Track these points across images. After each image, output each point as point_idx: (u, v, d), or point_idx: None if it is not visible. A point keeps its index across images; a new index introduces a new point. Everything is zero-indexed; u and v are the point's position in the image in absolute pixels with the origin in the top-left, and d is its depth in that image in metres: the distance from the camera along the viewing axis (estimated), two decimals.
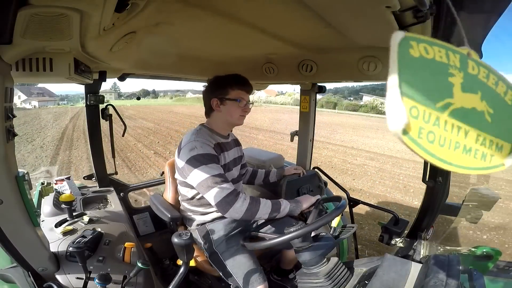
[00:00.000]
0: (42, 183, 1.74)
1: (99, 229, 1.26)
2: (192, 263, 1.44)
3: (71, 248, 1.07)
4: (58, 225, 1.30)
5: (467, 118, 0.42)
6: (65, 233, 1.23)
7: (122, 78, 1.77)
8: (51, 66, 0.90)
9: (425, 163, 1.24)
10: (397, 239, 1.40)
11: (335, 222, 1.21)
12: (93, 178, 1.89)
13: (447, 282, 0.79)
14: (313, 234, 1.09)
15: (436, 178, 1.24)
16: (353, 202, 1.88)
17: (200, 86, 1.79)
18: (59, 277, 1.01)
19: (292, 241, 1.02)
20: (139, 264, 0.97)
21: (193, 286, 1.62)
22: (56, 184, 1.71)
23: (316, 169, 2.09)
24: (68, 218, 1.36)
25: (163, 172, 1.72)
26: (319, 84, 1.98)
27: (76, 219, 1.36)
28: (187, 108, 29.51)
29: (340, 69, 1.56)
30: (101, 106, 1.75)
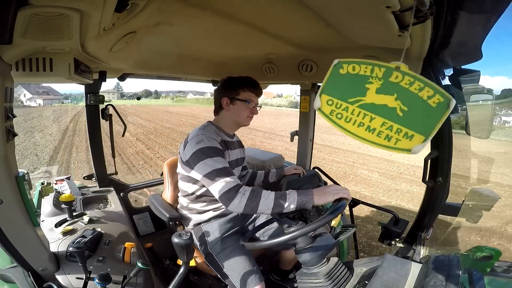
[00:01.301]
0: (42, 183, 1.74)
1: (99, 229, 1.26)
2: (192, 263, 1.44)
3: (71, 248, 1.07)
4: (58, 225, 1.30)
5: (375, 110, 0.66)
6: (65, 233, 1.23)
7: (122, 78, 1.77)
8: (51, 66, 0.90)
9: (425, 164, 1.24)
10: (397, 239, 1.40)
11: (335, 222, 1.21)
12: (93, 178, 1.89)
13: (447, 282, 0.79)
14: (313, 234, 1.09)
15: (436, 178, 1.24)
16: (353, 202, 1.88)
17: (200, 87, 1.80)
18: (59, 277, 1.01)
19: (292, 241, 1.02)
20: (139, 264, 0.97)
21: (193, 286, 1.62)
22: (56, 184, 1.71)
23: (316, 169, 2.09)
24: (68, 218, 1.36)
25: (162, 172, 1.72)
26: (319, 84, 1.98)
27: (76, 219, 1.36)
28: (182, 108, 31.15)
29: None
30: (101, 106, 1.75)
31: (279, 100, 49.96)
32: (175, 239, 0.87)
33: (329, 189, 1.07)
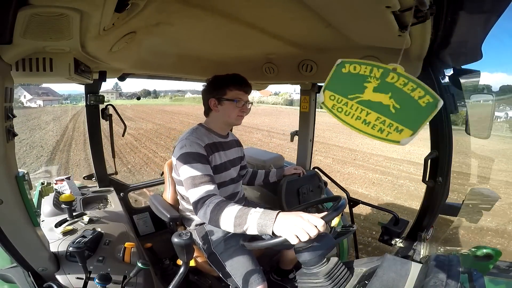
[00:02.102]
0: (42, 183, 1.74)
1: (99, 229, 1.26)
2: (192, 263, 1.44)
3: (71, 248, 1.07)
4: (58, 225, 1.30)
5: (371, 106, 0.76)
6: (65, 233, 1.22)
7: (122, 78, 1.76)
8: (51, 66, 0.90)
9: (425, 164, 1.24)
10: (397, 239, 1.40)
11: (335, 222, 1.21)
12: (93, 178, 1.89)
13: (447, 282, 0.79)
14: None
15: (436, 178, 1.24)
16: (353, 202, 1.88)
17: (200, 86, 1.80)
18: (59, 277, 1.01)
19: None
20: (139, 264, 0.97)
21: (193, 286, 1.62)
22: (56, 184, 1.71)
23: (316, 169, 2.09)
24: (68, 218, 1.36)
25: (163, 172, 1.72)
26: (319, 84, 1.98)
27: (76, 219, 1.36)
28: (178, 107, 32.85)
29: None
30: (101, 106, 1.75)
31: (274, 98, 50.85)
32: (175, 239, 0.87)
33: (295, 222, 0.84)
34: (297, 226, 0.82)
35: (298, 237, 0.82)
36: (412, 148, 9.61)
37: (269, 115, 23.42)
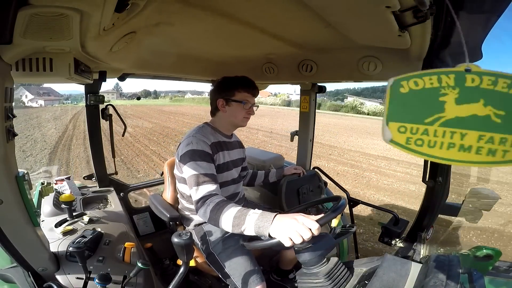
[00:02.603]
0: (42, 183, 1.74)
1: (99, 229, 1.26)
2: (192, 263, 1.44)
3: (71, 248, 1.07)
4: (58, 225, 1.30)
5: (464, 124, 0.54)
6: (65, 233, 1.22)
7: (122, 78, 1.76)
8: (51, 66, 0.90)
9: (425, 164, 1.24)
10: (397, 239, 1.40)
11: (335, 222, 1.21)
12: (93, 178, 1.89)
13: (447, 282, 0.79)
14: None
15: (436, 178, 1.24)
16: (353, 202, 1.88)
17: (199, 87, 1.81)
18: (59, 277, 1.01)
19: None
20: (139, 264, 0.97)
21: (193, 286, 1.62)
22: (56, 184, 1.71)
23: (316, 169, 2.09)
24: (68, 218, 1.36)
25: (163, 172, 1.72)
26: (319, 84, 1.98)
27: (76, 219, 1.36)
28: (176, 108, 33.69)
29: (340, 69, 1.56)
30: (101, 106, 1.75)
31: (272, 99, 51.61)
32: (175, 239, 0.87)
33: (290, 225, 0.84)
34: (291, 229, 0.83)
35: (292, 240, 0.82)
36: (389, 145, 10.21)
37: (265, 116, 23.63)
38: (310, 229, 0.83)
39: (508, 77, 0.52)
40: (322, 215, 0.93)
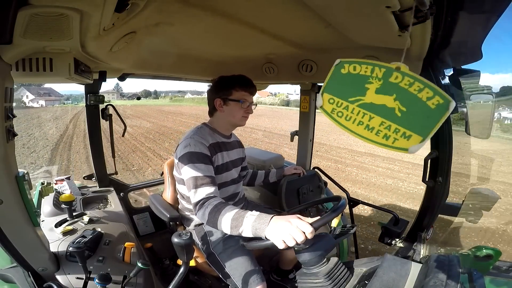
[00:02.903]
0: (42, 183, 1.74)
1: (99, 229, 1.26)
2: (192, 263, 1.44)
3: (71, 248, 1.07)
4: (58, 225, 1.30)
5: (374, 109, 0.68)
6: (65, 233, 1.23)
7: (122, 78, 1.76)
8: (51, 66, 0.90)
9: (425, 164, 1.24)
10: (397, 239, 1.40)
11: (335, 222, 1.21)
12: (93, 178, 1.89)
13: (447, 282, 0.79)
14: None
15: (436, 178, 1.24)
16: (353, 202, 1.88)
17: (199, 87, 1.81)
18: (59, 277, 1.01)
19: None
20: (139, 264, 0.97)
21: (193, 286, 1.62)
22: (56, 184, 1.71)
23: (316, 169, 2.09)
24: (68, 218, 1.36)
25: (163, 172, 1.72)
26: (319, 84, 1.98)
27: (76, 219, 1.36)
28: (176, 107, 34.55)
29: None
30: (101, 106, 1.75)
31: (271, 98, 51.86)
32: (175, 239, 0.87)
33: (284, 227, 0.84)
34: (285, 232, 0.83)
35: (285, 242, 0.83)
36: None
37: (262, 116, 23.68)
38: (304, 232, 0.83)
39: (424, 83, 0.63)
40: (317, 217, 0.93)
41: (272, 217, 0.91)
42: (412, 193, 5.67)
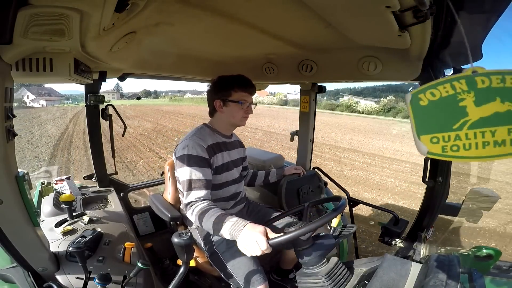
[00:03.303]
0: (42, 183, 1.74)
1: (99, 229, 1.26)
2: (192, 263, 1.44)
3: (71, 248, 1.07)
4: (58, 225, 1.30)
5: (490, 122, 0.57)
6: (65, 233, 1.22)
7: (122, 78, 1.76)
8: (51, 66, 0.90)
9: (425, 164, 1.24)
10: (397, 239, 1.40)
11: (335, 222, 1.21)
12: (93, 178, 1.89)
13: (447, 282, 0.79)
14: (313, 234, 1.09)
15: (436, 178, 1.24)
16: (353, 202, 1.88)
17: (199, 87, 1.81)
18: (59, 277, 1.01)
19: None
20: (139, 264, 0.97)
21: (193, 286, 1.62)
22: (56, 184, 1.71)
23: (316, 169, 2.09)
24: (68, 218, 1.36)
25: (163, 172, 1.72)
26: (319, 84, 1.98)
27: (76, 219, 1.36)
28: (175, 107, 35.23)
29: (340, 69, 1.56)
30: (101, 106, 1.75)
31: (270, 98, 52.11)
32: (175, 239, 0.87)
33: (247, 239, 0.94)
34: (247, 243, 0.94)
35: (246, 251, 0.94)
36: (367, 141, 11.64)
37: (259, 115, 23.61)
38: (260, 248, 0.91)
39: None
40: (281, 234, 0.95)
41: (245, 226, 0.98)
42: (379, 184, 5.84)
